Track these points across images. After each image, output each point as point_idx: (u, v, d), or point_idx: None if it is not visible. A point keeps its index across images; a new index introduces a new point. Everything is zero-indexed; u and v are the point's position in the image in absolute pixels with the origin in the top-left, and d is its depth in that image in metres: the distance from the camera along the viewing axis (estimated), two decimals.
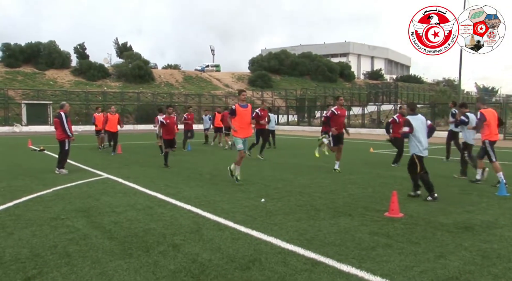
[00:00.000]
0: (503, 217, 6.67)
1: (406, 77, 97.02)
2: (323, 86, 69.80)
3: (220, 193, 8.60)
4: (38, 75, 56.37)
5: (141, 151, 18.01)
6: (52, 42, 61.47)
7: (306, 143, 18.49)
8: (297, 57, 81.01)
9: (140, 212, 6.94)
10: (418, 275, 4.24)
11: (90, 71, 59.14)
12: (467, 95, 76.18)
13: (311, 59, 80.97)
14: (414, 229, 5.90)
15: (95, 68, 60.29)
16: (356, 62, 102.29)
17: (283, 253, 4.89)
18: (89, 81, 57.89)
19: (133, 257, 4.74)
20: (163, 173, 11.48)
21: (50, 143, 22.83)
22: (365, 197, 8.18)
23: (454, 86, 66.95)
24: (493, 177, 9.57)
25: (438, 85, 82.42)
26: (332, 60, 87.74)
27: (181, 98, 55.36)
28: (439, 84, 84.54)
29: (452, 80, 77.81)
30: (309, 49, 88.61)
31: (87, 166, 12.87)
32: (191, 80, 68.64)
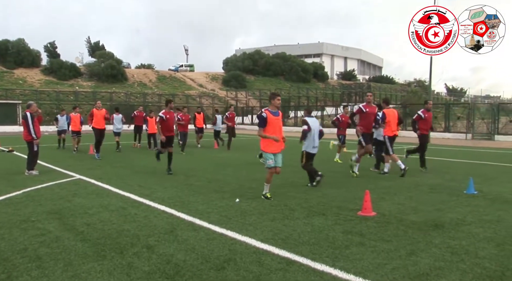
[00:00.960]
0: (471, 214, 6.87)
1: (379, 77, 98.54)
2: (297, 87, 70.23)
3: (195, 193, 8.57)
4: (6, 74, 54.81)
5: (114, 152, 17.75)
6: (21, 40, 59.87)
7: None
8: (271, 58, 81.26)
9: (113, 213, 6.85)
10: (390, 272, 4.33)
11: (61, 70, 57.84)
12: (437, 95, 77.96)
13: (285, 59, 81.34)
14: (386, 228, 6.01)
15: (66, 67, 58.99)
16: (329, 62, 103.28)
17: (258, 252, 4.91)
18: (60, 80, 56.63)
19: (106, 259, 4.68)
20: (136, 174, 11.35)
21: (20, 143, 22.28)
22: (339, 197, 8.29)
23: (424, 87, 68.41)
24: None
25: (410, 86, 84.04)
26: (306, 60, 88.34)
27: (154, 98, 54.81)
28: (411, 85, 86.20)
29: (423, 81, 79.50)
30: (283, 50, 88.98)
31: (59, 167, 12.61)
32: (164, 80, 68.01)
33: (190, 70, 78.55)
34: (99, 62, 62.33)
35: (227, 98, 62.38)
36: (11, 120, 41.85)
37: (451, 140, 29.01)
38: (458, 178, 10.57)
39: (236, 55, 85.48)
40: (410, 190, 9.06)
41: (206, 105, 57.50)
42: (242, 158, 15.59)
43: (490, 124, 31.34)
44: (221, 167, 12.90)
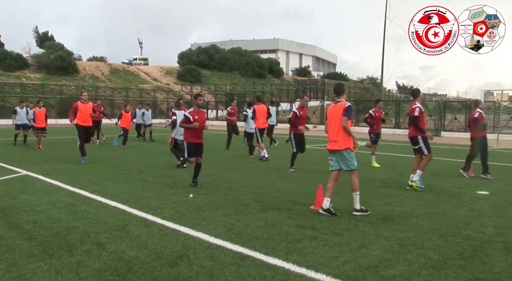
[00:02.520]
0: (419, 207, 7.14)
1: (333, 74, 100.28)
2: (252, 82, 70.40)
3: (148, 189, 8.43)
4: None
5: (64, 147, 17.14)
6: None
7: (235, 138, 18.54)
8: (226, 52, 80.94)
9: (62, 210, 6.63)
10: (341, 264, 4.43)
11: (6, 61, 55.06)
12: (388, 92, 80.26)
13: (240, 54, 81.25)
14: (338, 221, 6.14)
15: (12, 58, 56.21)
16: (285, 58, 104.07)
17: (211, 248, 4.90)
18: (4, 71, 53.98)
19: (54, 258, 4.52)
20: (87, 170, 11.03)
21: None
22: (292, 192, 8.39)
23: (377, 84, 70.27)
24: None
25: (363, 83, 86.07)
26: (262, 56, 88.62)
27: (107, 91, 53.39)
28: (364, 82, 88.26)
29: (375, 79, 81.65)
30: (239, 45, 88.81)
31: (3, 162, 12.05)
32: (117, 73, 66.34)
33: (144, 63, 77.04)
34: (48, 53, 59.88)
35: (181, 93, 61.66)
36: None
37: (401, 136, 29.98)
38: (407, 173, 10.93)
39: (192, 49, 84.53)
40: (362, 185, 9.21)
41: (161, 100, 56.64)
42: None
43: (437, 121, 32.64)
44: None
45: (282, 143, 15.28)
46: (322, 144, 14.10)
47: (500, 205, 7.46)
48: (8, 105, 40.95)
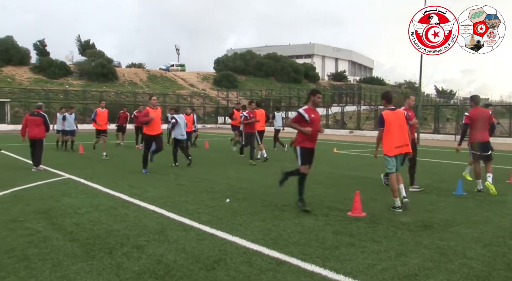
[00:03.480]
0: (460, 215, 6.93)
1: (369, 79, 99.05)
2: (288, 87, 70.32)
3: (185, 193, 8.55)
4: None
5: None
6: (10, 37, 59.31)
7: (271, 143, 18.59)
8: (262, 58, 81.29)
9: (103, 213, 6.81)
10: (379, 272, 4.35)
11: (51, 69, 57.39)
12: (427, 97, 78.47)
13: (276, 60, 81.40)
14: (376, 228, 6.04)
15: (56, 66, 58.55)
16: (320, 63, 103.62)
17: (248, 253, 4.91)
18: (49, 79, 56.19)
19: (95, 259, 4.65)
20: (126, 174, 11.29)
21: (8, 142, 22.08)
22: (329, 197, 8.32)
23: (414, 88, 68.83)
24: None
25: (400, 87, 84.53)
26: (297, 61, 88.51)
27: (145, 97, 54.48)
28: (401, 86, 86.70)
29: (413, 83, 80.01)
30: (274, 50, 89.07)
31: (48, 166, 12.49)
32: (155, 79, 67.77)
33: (181, 69, 78.36)
34: (89, 60, 61.92)
35: (218, 98, 62.28)
36: (0, 119, 41.43)
37: (440, 141, 29.25)
38: (447, 179, 10.66)
39: (228, 55, 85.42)
40: None
41: (197, 105, 57.39)
42: (231, 158, 15.57)
43: None
44: (211, 167, 12.88)
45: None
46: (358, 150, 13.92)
47: None
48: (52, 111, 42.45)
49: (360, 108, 44.67)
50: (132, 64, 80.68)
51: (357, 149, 19.18)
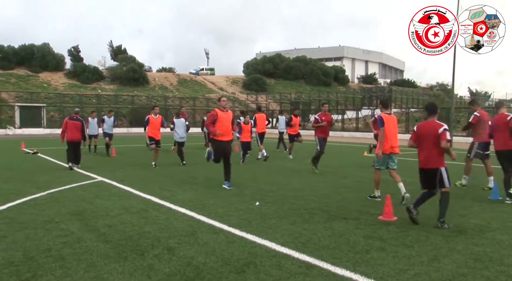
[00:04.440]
0: (495, 220, 6.73)
1: (400, 81, 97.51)
2: (317, 90, 69.96)
3: (214, 196, 8.61)
4: (32, 78, 56.09)
5: (135, 154, 17.97)
6: (46, 44, 61.27)
7: (300, 147, 18.52)
8: (291, 61, 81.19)
9: (134, 215, 6.93)
10: (412, 278, 4.27)
11: (84, 74, 58.96)
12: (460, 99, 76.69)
13: (305, 63, 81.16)
14: (408, 233, 5.93)
15: (89, 71, 60.11)
16: (350, 66, 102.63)
17: (278, 256, 4.90)
18: (83, 84, 57.71)
19: (128, 260, 4.73)
20: (157, 177, 11.46)
21: (43, 146, 22.75)
22: (359, 201, 8.22)
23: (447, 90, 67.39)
24: None
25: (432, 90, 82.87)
26: (327, 64, 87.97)
27: (175, 101, 55.32)
28: (433, 89, 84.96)
29: (446, 85, 78.33)
30: (303, 53, 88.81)
31: (81, 169, 12.82)
32: (185, 83, 68.60)
33: (211, 73, 79.01)
34: (121, 65, 63.27)
35: (247, 102, 62.51)
36: (36, 123, 42.77)
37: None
38: (481, 183, 10.36)
39: (257, 58, 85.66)
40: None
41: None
42: (260, 161, 15.58)
43: None
44: (240, 170, 12.93)
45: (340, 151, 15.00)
46: None
47: None
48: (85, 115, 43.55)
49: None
50: (163, 69, 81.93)
51: None
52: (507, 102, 74.01)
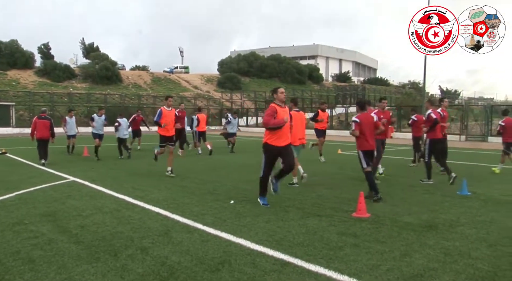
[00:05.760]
0: (464, 215, 6.90)
1: (373, 79, 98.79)
2: (292, 88, 70.22)
3: (189, 195, 8.56)
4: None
5: (109, 154, 17.67)
6: (14, 41, 59.48)
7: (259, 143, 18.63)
8: (266, 59, 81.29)
9: (107, 215, 6.83)
10: (384, 273, 4.34)
11: (55, 72, 57.52)
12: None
13: (280, 61, 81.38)
14: (381, 229, 6.03)
15: (60, 69, 58.68)
16: (324, 64, 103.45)
17: (253, 254, 4.91)
18: (54, 82, 56.36)
19: (100, 261, 4.66)
20: (131, 176, 11.32)
21: (13, 145, 22.18)
22: (333, 198, 8.30)
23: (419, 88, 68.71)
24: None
25: (404, 88, 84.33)
26: (301, 62, 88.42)
27: (149, 99, 54.72)
28: (405, 87, 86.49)
29: (418, 83, 79.82)
30: (278, 52, 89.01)
31: (52, 169, 12.56)
32: (159, 82, 67.88)
33: (185, 71, 78.46)
34: (93, 63, 62.13)
35: (222, 100, 62.34)
36: (5, 122, 41.59)
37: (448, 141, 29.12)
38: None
39: (231, 57, 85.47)
40: (404, 192, 9.09)
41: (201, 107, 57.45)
42: (235, 160, 15.59)
43: (483, 125, 31.52)
44: (215, 169, 12.89)
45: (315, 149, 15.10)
46: None
47: None
48: (57, 114, 42.61)
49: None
50: (136, 67, 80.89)
51: None
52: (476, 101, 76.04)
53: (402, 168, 13.31)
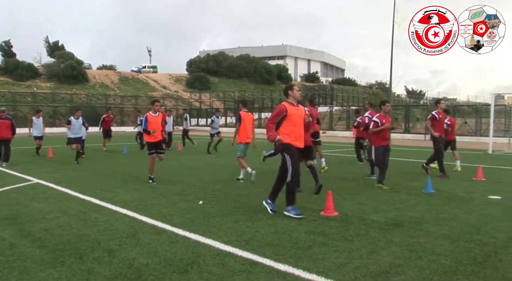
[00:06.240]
0: (429, 213, 7.08)
1: (341, 80, 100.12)
2: (261, 88, 70.52)
3: (158, 196, 8.46)
4: None
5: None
6: None
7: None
8: (235, 59, 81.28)
9: (73, 217, 6.67)
10: (352, 271, 4.40)
11: (18, 71, 55.82)
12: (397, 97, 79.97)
13: (249, 61, 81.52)
14: (348, 227, 6.11)
15: (23, 68, 56.99)
16: (293, 64, 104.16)
17: (221, 255, 4.90)
18: (16, 81, 54.70)
19: (65, 265, 4.55)
20: (98, 177, 11.11)
21: None
22: (302, 197, 8.34)
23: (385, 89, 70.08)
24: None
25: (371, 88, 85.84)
26: (270, 62, 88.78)
27: (117, 99, 53.83)
28: (372, 87, 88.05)
29: (384, 83, 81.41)
30: (247, 52, 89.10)
31: (15, 171, 12.18)
32: (127, 82, 66.89)
33: (153, 71, 77.58)
34: (58, 62, 60.61)
35: (190, 100, 61.92)
36: None
37: (410, 140, 29.84)
38: (416, 178, 10.88)
39: (200, 56, 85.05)
40: (371, 190, 9.25)
41: (170, 107, 56.92)
42: (204, 160, 15.52)
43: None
44: (183, 169, 12.80)
45: None
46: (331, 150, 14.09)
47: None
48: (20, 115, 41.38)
49: (333, 109, 45.15)
50: (103, 66, 79.43)
51: (330, 149, 19.35)
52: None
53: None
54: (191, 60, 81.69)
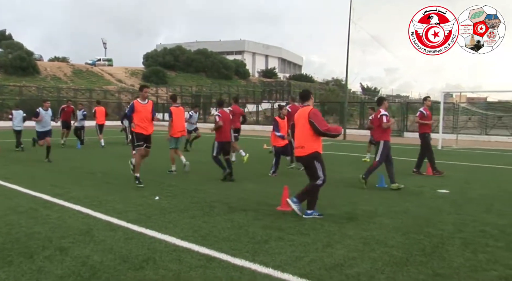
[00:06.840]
0: (382, 206, 7.31)
1: (299, 76, 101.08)
2: (218, 83, 70.17)
3: (113, 192, 8.29)
4: None
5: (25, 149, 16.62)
6: None
7: (201, 140, 18.50)
8: (192, 54, 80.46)
9: (22, 215, 6.43)
10: (307, 264, 4.48)
11: None
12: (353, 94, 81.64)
13: (206, 56, 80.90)
14: (304, 222, 6.21)
15: None
16: (251, 60, 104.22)
17: (178, 250, 4.86)
18: None
19: (13, 265, 4.38)
20: (50, 173, 10.74)
21: None
22: (259, 192, 8.43)
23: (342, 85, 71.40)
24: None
25: (328, 85, 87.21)
26: (228, 57, 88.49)
27: (70, 93, 52.09)
28: (329, 84, 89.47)
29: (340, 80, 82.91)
30: (204, 46, 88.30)
31: None
32: (80, 74, 64.91)
33: (109, 64, 75.65)
34: (6, 52, 57.96)
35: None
36: None
37: (365, 136, 30.55)
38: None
39: (157, 50, 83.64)
40: (328, 185, 9.38)
41: (126, 101, 55.71)
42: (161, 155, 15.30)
43: (400, 121, 33.45)
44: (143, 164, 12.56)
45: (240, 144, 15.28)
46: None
47: (459, 203, 7.73)
48: None
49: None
50: (56, 58, 76.65)
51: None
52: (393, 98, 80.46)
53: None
54: (147, 54, 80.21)
